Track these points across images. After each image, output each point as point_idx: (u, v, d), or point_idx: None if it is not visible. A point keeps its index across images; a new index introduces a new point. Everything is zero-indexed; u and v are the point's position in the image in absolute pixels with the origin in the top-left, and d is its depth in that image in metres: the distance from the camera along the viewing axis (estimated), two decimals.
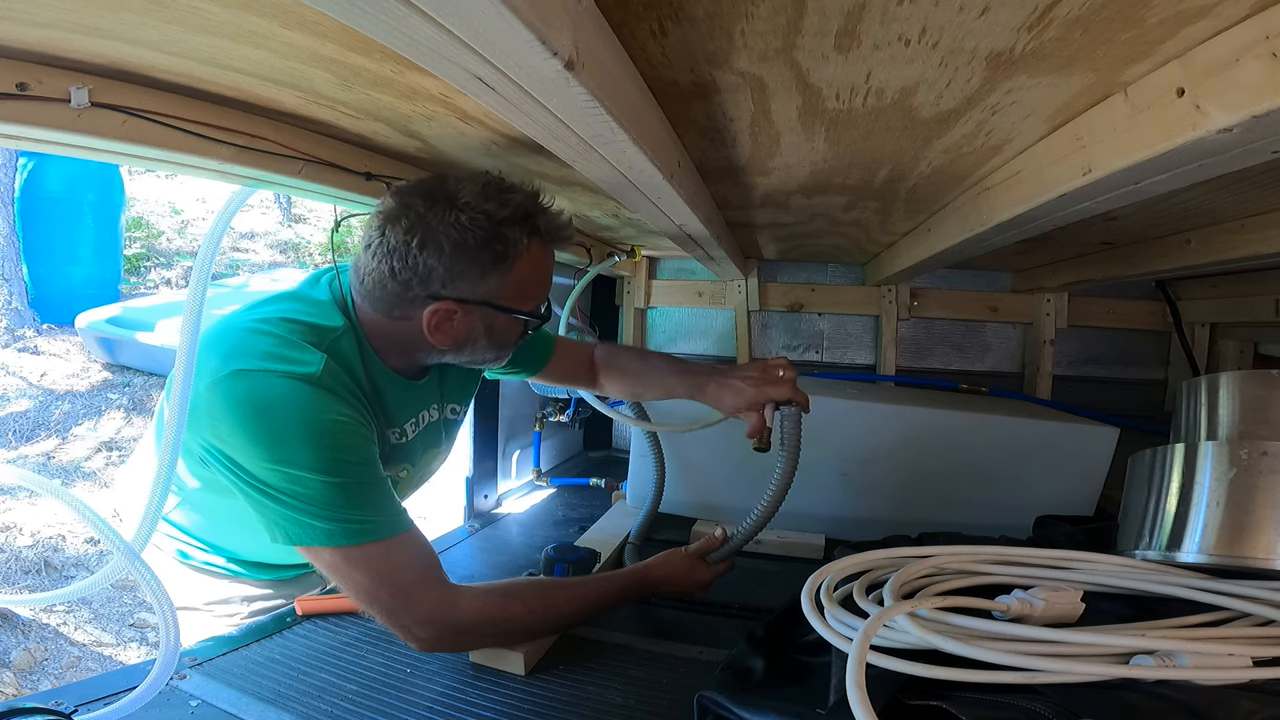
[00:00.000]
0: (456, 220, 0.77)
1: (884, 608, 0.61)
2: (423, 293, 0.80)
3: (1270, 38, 0.46)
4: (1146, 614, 0.72)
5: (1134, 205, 0.77)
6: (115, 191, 5.23)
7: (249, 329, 0.78)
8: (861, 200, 1.18)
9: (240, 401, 0.73)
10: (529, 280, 0.85)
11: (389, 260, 0.78)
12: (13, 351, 4.59)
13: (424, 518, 0.86)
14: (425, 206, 0.78)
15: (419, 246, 0.77)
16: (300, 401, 0.74)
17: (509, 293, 0.83)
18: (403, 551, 0.78)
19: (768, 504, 0.97)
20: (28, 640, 2.36)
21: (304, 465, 0.72)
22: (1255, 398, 0.83)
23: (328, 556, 0.75)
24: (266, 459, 0.72)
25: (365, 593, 0.76)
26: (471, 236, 0.77)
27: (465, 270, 0.79)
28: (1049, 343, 1.88)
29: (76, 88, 0.63)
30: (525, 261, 0.83)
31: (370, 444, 0.79)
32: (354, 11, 0.37)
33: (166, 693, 0.75)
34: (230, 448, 0.74)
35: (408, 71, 0.65)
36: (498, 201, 0.79)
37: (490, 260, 0.80)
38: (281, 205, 8.09)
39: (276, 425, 0.72)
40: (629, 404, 1.46)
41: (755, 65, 0.62)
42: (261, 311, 0.81)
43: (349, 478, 0.74)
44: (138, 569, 0.65)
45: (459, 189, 0.79)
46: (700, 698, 0.65)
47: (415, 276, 0.79)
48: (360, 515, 0.75)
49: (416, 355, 0.89)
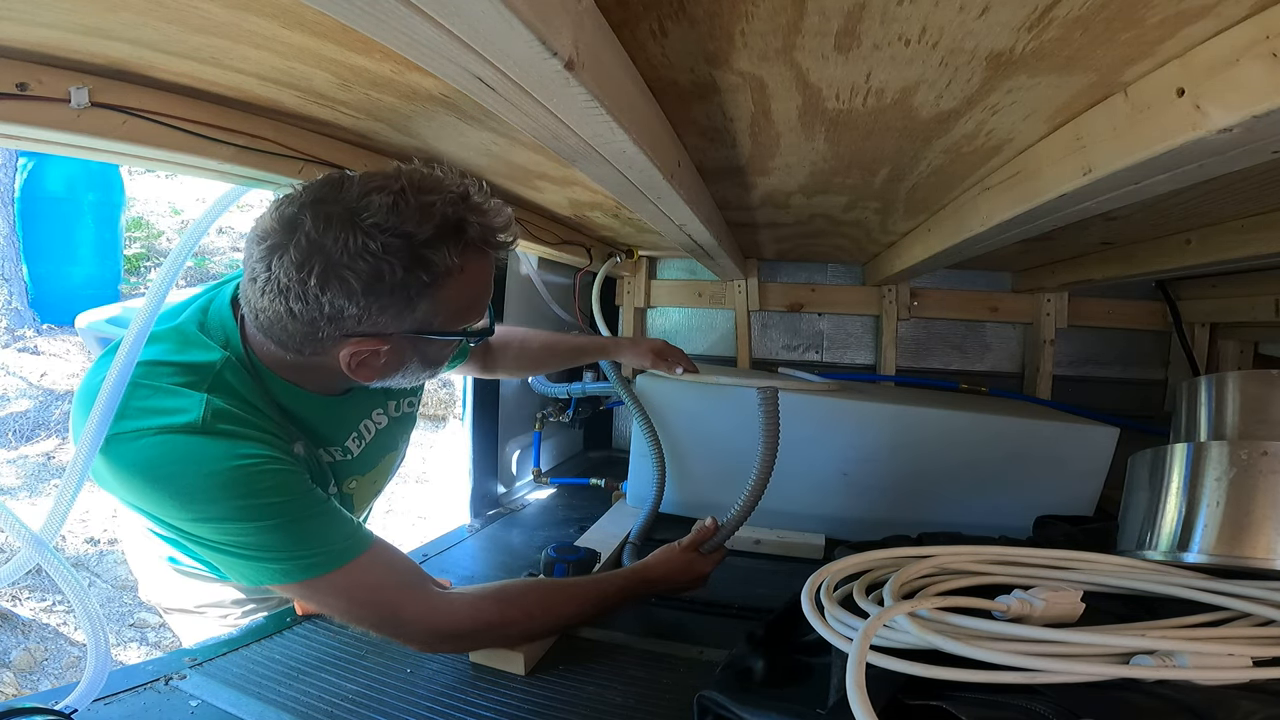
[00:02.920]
0: (364, 249, 0.62)
1: (884, 608, 0.61)
2: (335, 333, 0.67)
3: (1270, 38, 0.46)
4: (1146, 614, 0.72)
5: (1134, 205, 0.77)
6: (115, 191, 5.23)
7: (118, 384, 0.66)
8: (861, 200, 1.18)
9: (129, 468, 0.64)
10: (463, 298, 0.71)
11: (283, 299, 0.64)
12: (13, 351, 4.59)
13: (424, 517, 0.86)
14: (319, 229, 0.62)
15: (319, 285, 0.62)
16: (189, 455, 0.64)
17: (441, 317, 0.70)
18: (370, 571, 0.72)
19: (753, 486, 0.98)
20: (28, 640, 2.36)
21: (225, 518, 0.65)
22: (1255, 398, 0.83)
23: (295, 590, 0.71)
24: (187, 518, 0.65)
25: (347, 615, 0.74)
26: (388, 266, 0.63)
27: (385, 306, 0.65)
28: (1049, 343, 1.88)
29: (76, 88, 0.63)
30: (458, 280, 0.68)
31: (290, 476, 0.69)
32: (354, 11, 0.37)
33: (166, 693, 0.75)
34: (148, 510, 0.67)
35: (408, 71, 0.65)
36: (416, 217, 0.64)
37: (415, 289, 0.66)
38: None
39: (176, 486, 0.64)
40: (630, 404, 1.46)
41: (755, 65, 0.62)
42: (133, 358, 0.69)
43: (278, 518, 0.66)
44: (48, 560, 0.62)
45: (363, 204, 0.63)
46: (700, 698, 0.65)
47: (322, 317, 0.65)
48: (310, 549, 0.68)
49: (337, 382, 0.79)
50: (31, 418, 4.11)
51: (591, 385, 1.78)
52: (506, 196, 1.29)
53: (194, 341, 0.72)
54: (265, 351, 0.73)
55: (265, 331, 0.70)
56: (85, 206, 5.01)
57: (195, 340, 0.72)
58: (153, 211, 7.36)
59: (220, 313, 0.74)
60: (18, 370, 4.46)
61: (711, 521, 1.04)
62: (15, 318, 4.73)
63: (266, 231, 0.65)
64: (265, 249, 0.64)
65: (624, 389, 1.48)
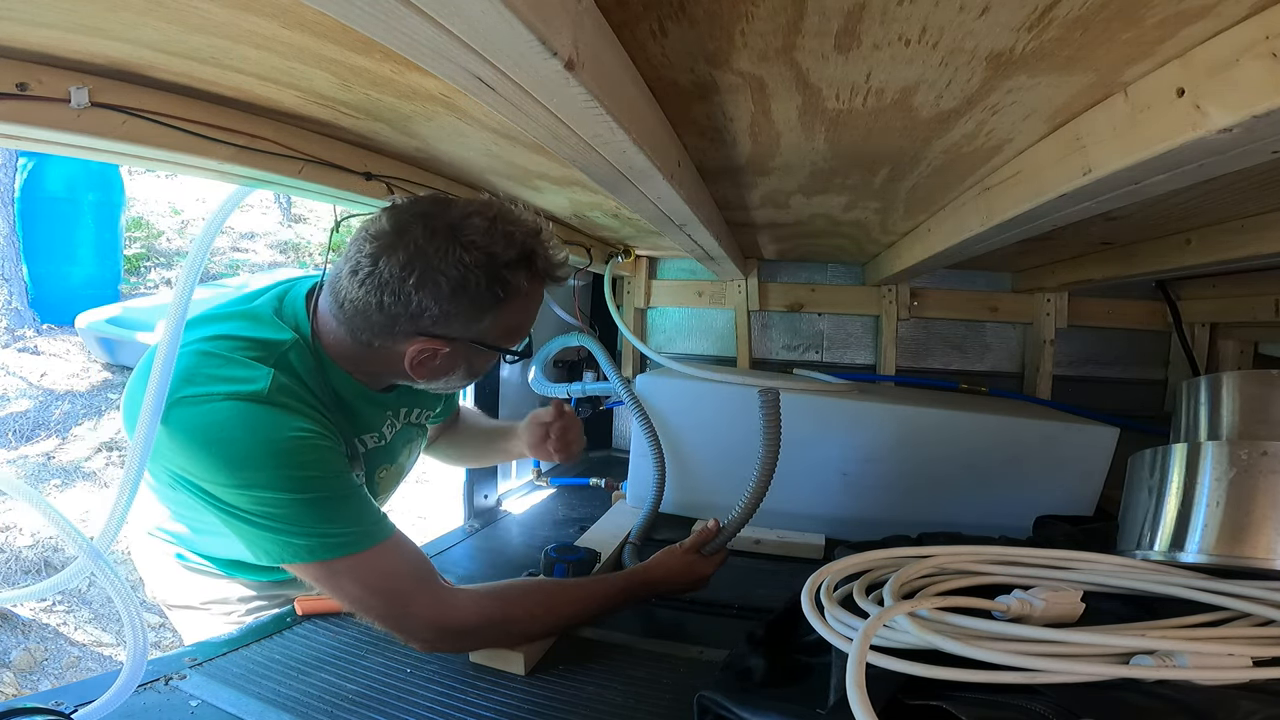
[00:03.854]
0: (460, 260, 0.72)
1: (884, 608, 0.62)
2: (410, 329, 0.76)
3: (1270, 38, 0.46)
4: (1146, 614, 0.72)
5: (1134, 205, 0.77)
6: (115, 191, 5.23)
7: (188, 353, 0.73)
8: (861, 200, 1.18)
9: (190, 430, 0.69)
10: (519, 319, 0.83)
11: (379, 292, 0.74)
12: (13, 351, 4.59)
13: (424, 517, 0.86)
14: (425, 238, 0.73)
15: (416, 284, 0.72)
16: (251, 422, 0.70)
17: (498, 332, 0.81)
18: (388, 558, 0.76)
19: (755, 488, 0.97)
20: (28, 640, 2.36)
21: (269, 486, 0.69)
22: (1255, 398, 0.83)
23: (313, 571, 0.73)
24: (231, 484, 0.70)
25: (358, 602, 0.75)
26: (474, 278, 0.74)
27: (462, 312, 0.76)
28: (1049, 343, 1.88)
29: (76, 88, 0.63)
30: (519, 302, 0.80)
31: (334, 455, 0.76)
32: (354, 11, 0.37)
33: (166, 693, 0.75)
34: (194, 475, 0.71)
35: (408, 71, 0.65)
36: (503, 241, 0.75)
37: (488, 302, 0.76)
38: (281, 205, 8.09)
39: (232, 450, 0.69)
40: (630, 404, 1.46)
41: (755, 65, 0.62)
42: (201, 331, 0.77)
43: (318, 493, 0.72)
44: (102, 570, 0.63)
45: (464, 222, 0.74)
46: (700, 698, 0.65)
47: (406, 312, 0.74)
48: (337, 529, 0.72)
49: (384, 377, 0.87)
50: (31, 418, 4.11)
51: (591, 385, 1.78)
52: (506, 197, 1.29)
53: (267, 322, 0.80)
54: (332, 340, 0.81)
55: (347, 319, 0.78)
56: (85, 206, 5.01)
57: (269, 321, 0.80)
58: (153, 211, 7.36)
59: (295, 302, 0.83)
60: (18, 370, 4.47)
61: (713, 523, 1.04)
62: (15, 318, 4.73)
63: (380, 233, 0.74)
64: (375, 247, 0.73)
65: (624, 389, 1.48)
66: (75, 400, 4.37)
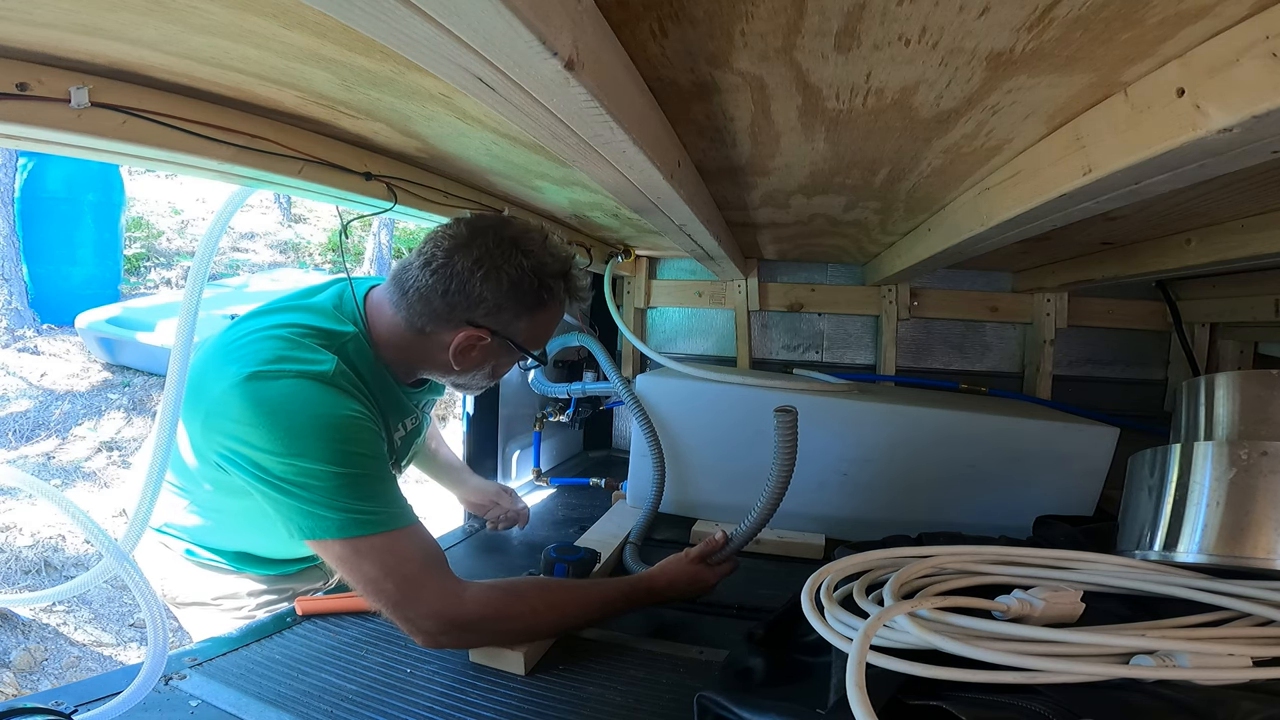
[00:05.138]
0: (520, 264, 0.86)
1: (884, 608, 0.62)
2: (463, 316, 0.87)
3: (1270, 38, 0.46)
4: (1146, 614, 0.72)
5: (1134, 205, 0.77)
6: (115, 191, 5.23)
7: (263, 336, 0.84)
8: (861, 200, 1.18)
9: (258, 401, 0.77)
10: (545, 328, 0.96)
11: (448, 281, 0.85)
12: (13, 351, 4.60)
13: (424, 517, 0.87)
14: (494, 243, 0.86)
15: (483, 278, 0.85)
16: (313, 398, 0.78)
17: (528, 335, 0.92)
18: (409, 543, 0.80)
19: (766, 503, 0.97)
20: (28, 640, 2.36)
21: (315, 458, 0.76)
22: (1255, 398, 0.83)
23: (337, 549, 0.77)
24: (282, 453, 0.76)
25: (372, 584, 0.78)
26: (526, 280, 0.87)
27: (510, 308, 0.88)
28: (1049, 343, 1.88)
29: (76, 88, 0.63)
30: (550, 311, 0.94)
31: (379, 440, 0.84)
32: (354, 11, 0.37)
33: (166, 693, 0.75)
34: (249, 448, 0.77)
35: (408, 71, 0.65)
36: (551, 256, 0.89)
37: (530, 304, 0.89)
38: (281, 205, 8.09)
39: (292, 421, 0.77)
40: (630, 404, 1.46)
41: (755, 65, 0.62)
42: (272, 320, 0.87)
43: (357, 469, 0.78)
44: (127, 570, 0.65)
45: (524, 236, 0.88)
46: (700, 698, 0.65)
47: (465, 300, 0.86)
48: (368, 506, 0.78)
49: (419, 369, 0.96)
50: (31, 418, 4.12)
51: (591, 385, 1.78)
52: (506, 197, 1.30)
53: (329, 315, 0.90)
54: (384, 329, 0.91)
55: (409, 304, 0.88)
56: (85, 206, 5.01)
57: (330, 315, 0.90)
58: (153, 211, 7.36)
59: (353, 301, 0.93)
60: (18, 370, 4.47)
61: (722, 535, 1.04)
62: (15, 318, 4.73)
63: (457, 234, 0.87)
64: (451, 244, 0.86)
65: (624, 389, 1.48)
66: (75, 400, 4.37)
